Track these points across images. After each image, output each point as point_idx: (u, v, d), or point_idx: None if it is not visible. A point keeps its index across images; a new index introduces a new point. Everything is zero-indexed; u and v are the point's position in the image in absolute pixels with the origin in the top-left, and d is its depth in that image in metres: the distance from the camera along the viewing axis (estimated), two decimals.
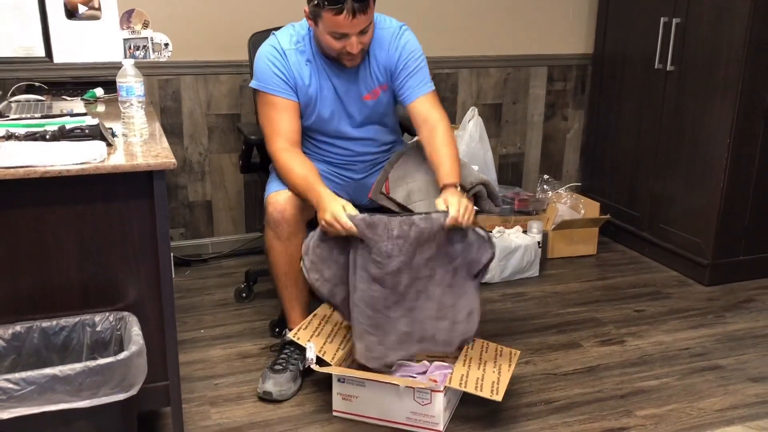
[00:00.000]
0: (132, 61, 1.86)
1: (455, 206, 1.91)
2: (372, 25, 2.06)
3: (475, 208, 2.09)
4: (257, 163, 2.64)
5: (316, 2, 1.97)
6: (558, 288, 2.91)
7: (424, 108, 2.14)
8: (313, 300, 2.21)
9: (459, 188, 2.02)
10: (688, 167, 2.97)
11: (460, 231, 1.95)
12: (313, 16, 2.02)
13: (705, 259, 2.92)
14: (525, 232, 3.05)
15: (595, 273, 3.08)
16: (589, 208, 3.28)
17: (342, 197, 2.33)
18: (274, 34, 2.19)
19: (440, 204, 1.95)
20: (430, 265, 1.95)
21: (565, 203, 3.32)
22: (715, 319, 2.66)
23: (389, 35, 2.16)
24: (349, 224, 1.89)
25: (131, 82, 1.82)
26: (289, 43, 2.14)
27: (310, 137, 2.26)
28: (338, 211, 1.91)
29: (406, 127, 2.63)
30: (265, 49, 2.15)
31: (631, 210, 3.31)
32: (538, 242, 3.01)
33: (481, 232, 1.97)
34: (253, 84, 2.17)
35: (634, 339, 2.49)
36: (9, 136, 1.79)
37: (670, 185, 3.06)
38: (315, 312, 2.16)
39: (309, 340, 2.03)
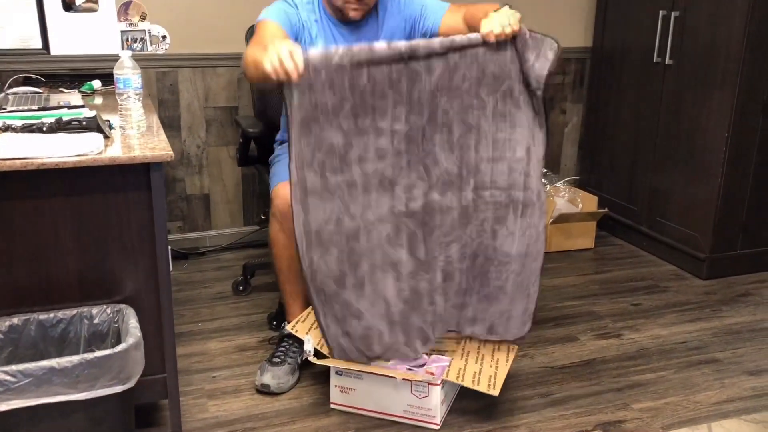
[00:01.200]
0: (129, 53, 1.85)
1: (488, 20, 1.79)
2: None
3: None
4: (254, 156, 2.64)
5: None
6: (555, 281, 2.92)
7: (453, 18, 2.13)
8: None
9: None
10: (686, 161, 2.97)
11: (508, 46, 1.80)
12: None
13: (702, 253, 2.93)
14: None
15: (592, 267, 3.09)
16: (587, 202, 3.28)
17: None
18: None
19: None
20: (475, 92, 1.83)
21: (563, 197, 3.32)
22: (712, 312, 2.66)
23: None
24: (300, 57, 1.61)
25: (128, 74, 1.81)
26: (301, 1, 2.16)
27: None
28: (291, 44, 1.65)
29: None
30: (277, 1, 2.15)
31: (629, 204, 3.31)
32: None
33: (535, 35, 1.79)
34: (258, 19, 2.08)
35: (631, 332, 2.50)
36: (6, 128, 1.78)
37: (668, 179, 3.06)
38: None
39: (307, 333, 2.03)
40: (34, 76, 2.65)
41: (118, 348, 1.52)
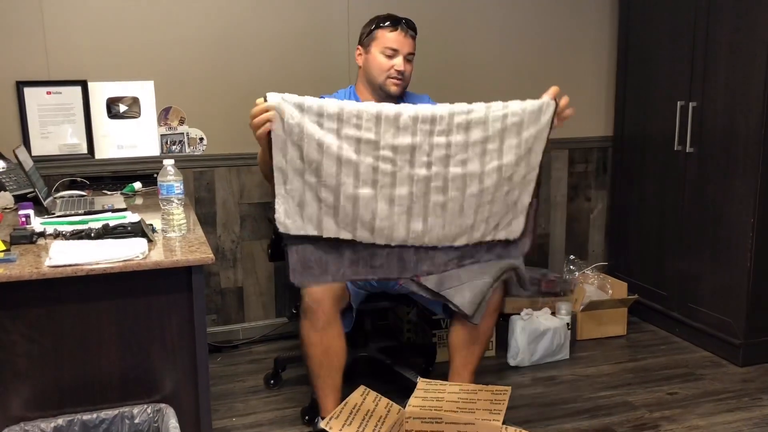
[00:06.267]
0: (172, 161, 1.97)
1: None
2: (413, 61, 2.39)
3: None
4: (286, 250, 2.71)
5: (373, 26, 2.37)
6: (589, 371, 2.89)
7: None
8: (346, 386, 2.24)
9: None
10: (713, 246, 2.98)
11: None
12: (367, 43, 2.37)
13: (737, 339, 2.89)
14: (553, 313, 3.05)
15: (626, 354, 3.06)
16: (617, 288, 3.29)
17: (370, 283, 2.40)
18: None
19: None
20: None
21: (593, 284, 3.33)
22: (752, 401, 2.61)
23: (428, 99, 2.46)
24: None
25: (171, 181, 1.92)
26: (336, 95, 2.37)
27: None
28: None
29: None
30: None
31: (659, 289, 3.30)
32: (567, 324, 3.01)
33: None
34: None
35: (669, 423, 2.45)
36: (57, 235, 1.89)
37: (697, 264, 3.07)
38: (346, 400, 2.18)
39: (341, 430, 2.04)
40: (79, 179, 2.80)
41: None
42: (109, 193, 2.69)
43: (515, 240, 1.94)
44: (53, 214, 2.20)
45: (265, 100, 1.70)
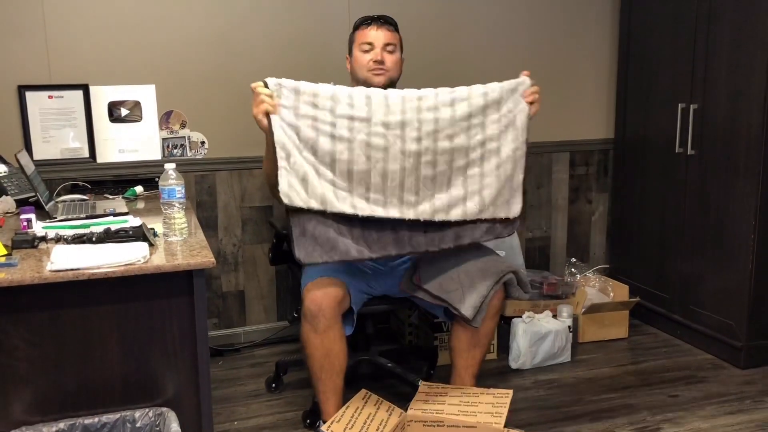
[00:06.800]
0: (173, 165, 1.97)
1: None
2: (397, 52, 2.42)
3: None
4: (287, 252, 2.72)
5: (352, 30, 2.45)
6: (591, 373, 2.89)
7: None
8: (347, 390, 2.24)
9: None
10: (715, 249, 2.98)
11: None
12: (350, 46, 2.46)
13: (739, 342, 2.89)
14: (555, 316, 3.05)
15: (627, 357, 3.06)
16: (618, 291, 3.28)
17: (371, 285, 2.40)
18: None
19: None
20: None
21: (594, 286, 3.33)
22: (754, 404, 2.60)
23: None
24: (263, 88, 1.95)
25: (173, 185, 1.93)
26: None
27: None
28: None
29: None
30: None
31: (661, 292, 3.30)
32: (569, 326, 3.00)
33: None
34: None
35: (671, 426, 2.45)
36: (58, 239, 1.89)
37: (699, 267, 3.07)
38: (348, 404, 2.18)
39: None
40: (80, 183, 2.81)
41: None
42: (110, 197, 2.69)
43: (514, 219, 2.13)
44: (55, 218, 2.20)
45: (266, 85, 1.92)
